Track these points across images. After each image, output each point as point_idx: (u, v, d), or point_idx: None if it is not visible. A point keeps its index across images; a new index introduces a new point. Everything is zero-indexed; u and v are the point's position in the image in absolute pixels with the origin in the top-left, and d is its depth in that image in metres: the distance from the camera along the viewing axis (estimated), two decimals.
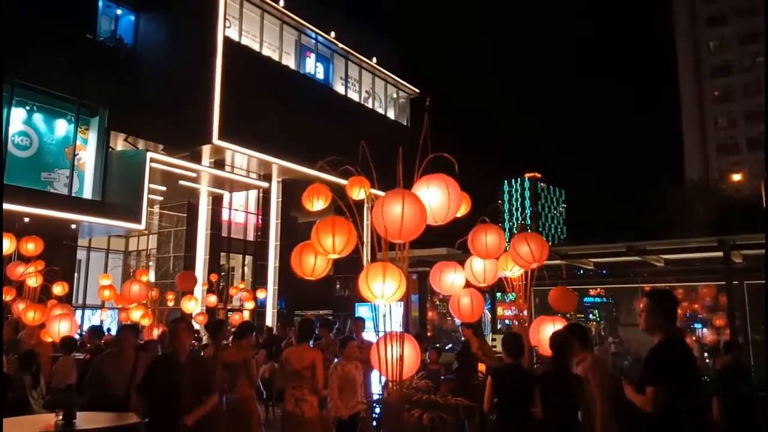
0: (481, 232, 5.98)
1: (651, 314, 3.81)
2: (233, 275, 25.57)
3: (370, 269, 4.51)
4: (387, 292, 4.46)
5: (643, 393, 3.74)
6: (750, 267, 11.62)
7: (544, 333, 5.75)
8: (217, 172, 22.49)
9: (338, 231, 4.94)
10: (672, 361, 3.69)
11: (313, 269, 5.37)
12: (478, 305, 6.33)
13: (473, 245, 6.02)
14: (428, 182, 4.87)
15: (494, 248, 5.96)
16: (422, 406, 4.94)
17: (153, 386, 4.97)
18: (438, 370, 8.65)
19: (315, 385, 6.28)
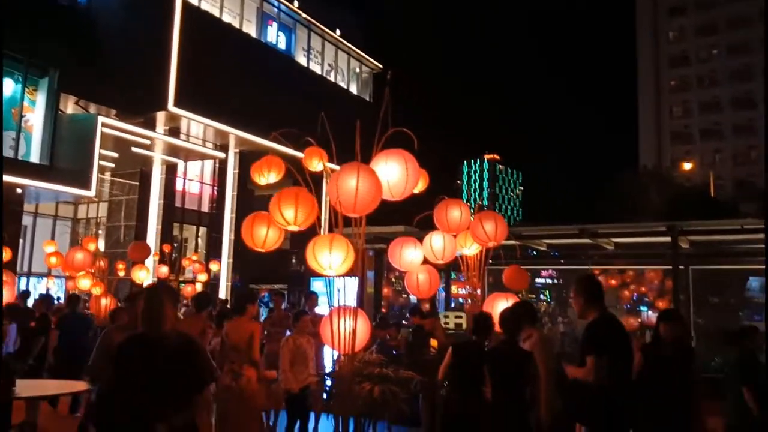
0: (449, 206, 6.03)
1: (576, 301, 4.24)
2: (186, 246, 25.09)
3: (317, 241, 4.47)
4: (334, 263, 4.41)
5: (583, 366, 3.98)
6: (696, 253, 12.00)
7: (498, 309, 5.82)
8: (172, 140, 21.89)
9: (301, 203, 4.83)
10: (607, 333, 4.06)
11: (264, 240, 5.26)
12: (434, 282, 6.39)
13: (440, 219, 6.04)
14: (387, 157, 4.82)
15: (462, 223, 6.02)
16: (373, 380, 4.94)
17: (124, 378, 3.33)
18: (396, 345, 8.68)
19: (251, 357, 6.10)
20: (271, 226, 5.31)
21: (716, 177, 46.73)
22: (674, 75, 62.21)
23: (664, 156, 58.53)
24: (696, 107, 60.97)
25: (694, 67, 61.23)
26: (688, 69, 61.43)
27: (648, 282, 15.92)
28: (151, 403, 3.11)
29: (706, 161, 56.03)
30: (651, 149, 60.13)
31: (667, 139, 61.50)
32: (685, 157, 53.69)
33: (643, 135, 62.39)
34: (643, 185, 33.81)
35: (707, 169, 49.08)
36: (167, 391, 3.15)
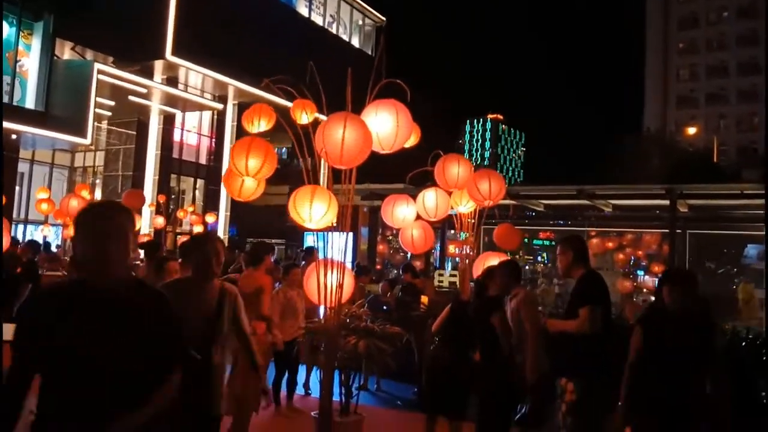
0: (446, 163, 5.88)
1: (563, 256, 4.30)
2: (183, 198, 25.01)
3: (298, 192, 4.36)
4: (314, 215, 4.31)
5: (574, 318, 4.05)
6: (694, 217, 11.93)
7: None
8: (170, 90, 21.54)
9: (253, 152, 4.68)
10: (599, 286, 4.18)
11: (240, 190, 5.15)
12: (429, 237, 6.30)
13: (438, 175, 5.90)
14: (377, 108, 4.63)
15: (461, 179, 5.89)
16: (359, 334, 4.91)
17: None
18: (388, 301, 8.69)
19: (258, 310, 6.10)
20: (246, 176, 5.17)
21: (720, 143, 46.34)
22: (683, 37, 60.97)
23: (669, 120, 57.89)
24: (703, 71, 59.97)
25: (703, 30, 59.96)
26: (698, 32, 60.17)
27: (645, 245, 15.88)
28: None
29: (710, 126, 55.43)
30: (656, 113, 59.40)
31: (672, 102, 60.69)
32: (690, 122, 53.09)
33: (649, 98, 61.55)
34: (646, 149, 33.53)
35: (711, 134, 48.61)
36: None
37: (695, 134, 46.04)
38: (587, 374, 3.97)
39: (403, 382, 8.10)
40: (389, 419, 7.05)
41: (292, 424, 6.68)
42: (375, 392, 8.16)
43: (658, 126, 50.51)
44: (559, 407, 4.17)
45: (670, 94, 61.11)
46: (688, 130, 45.39)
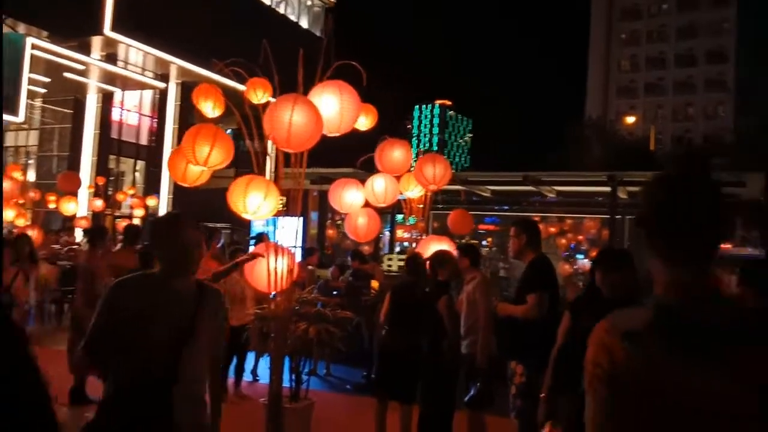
0: (389, 147, 5.85)
1: (517, 239, 4.36)
2: (123, 180, 24.18)
3: (234, 184, 4.28)
4: (251, 206, 4.23)
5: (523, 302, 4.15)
6: (634, 203, 12.34)
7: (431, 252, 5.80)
8: (108, 67, 20.69)
9: (219, 144, 4.55)
10: (549, 271, 4.31)
11: (184, 175, 5.00)
12: (373, 226, 6.25)
13: (380, 160, 5.87)
14: (322, 89, 4.55)
15: (402, 163, 5.87)
16: (309, 319, 4.87)
17: None
18: (339, 287, 8.65)
19: None
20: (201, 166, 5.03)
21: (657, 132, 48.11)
22: (625, 28, 62.79)
23: (610, 109, 59.68)
24: (643, 62, 62.02)
25: (644, 21, 61.91)
26: (639, 23, 62.08)
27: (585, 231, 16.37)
28: None
29: (648, 116, 57.47)
30: (597, 101, 61.10)
31: (613, 92, 62.57)
32: (629, 111, 54.87)
33: (592, 87, 63.23)
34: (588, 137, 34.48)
35: (649, 123, 50.37)
36: None
37: (634, 123, 47.62)
38: (536, 357, 4.05)
39: (352, 366, 8.11)
40: (340, 404, 7.05)
41: (240, 411, 6.59)
42: (325, 377, 8.14)
43: (600, 114, 52.01)
44: (509, 389, 4.25)
45: (611, 83, 62.98)
46: (627, 119, 46.89)
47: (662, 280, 1.27)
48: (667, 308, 1.22)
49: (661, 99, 61.01)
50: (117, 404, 2.35)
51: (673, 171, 1.31)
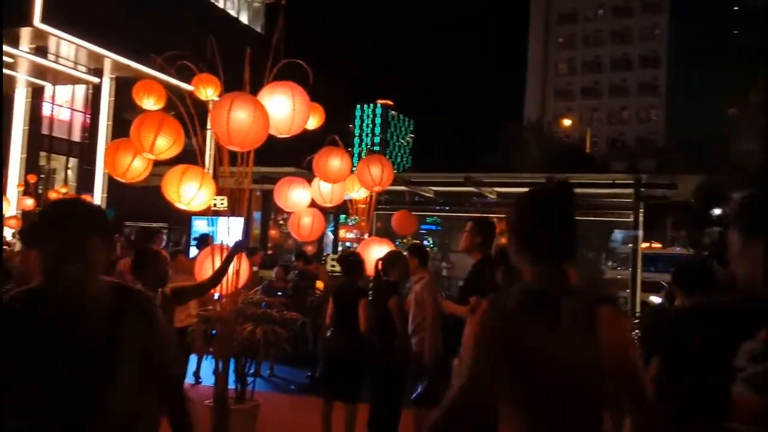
0: (326, 156, 5.79)
1: (472, 236, 4.42)
2: (54, 178, 23.19)
3: (170, 172, 4.21)
4: (185, 195, 4.17)
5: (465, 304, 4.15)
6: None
7: (371, 254, 5.84)
8: (38, 60, 19.79)
9: (165, 130, 4.45)
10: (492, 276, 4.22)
11: (127, 170, 4.86)
12: (318, 226, 6.23)
13: (318, 168, 5.83)
14: (272, 90, 4.51)
15: (338, 173, 5.83)
16: (255, 320, 4.82)
17: None
18: (284, 287, 8.58)
19: None
20: (138, 156, 4.91)
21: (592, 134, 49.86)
22: (563, 32, 64.77)
23: (548, 111, 61.42)
24: (580, 65, 64.14)
25: (581, 25, 64.03)
26: (576, 27, 64.16)
27: None
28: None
29: (584, 118, 59.47)
30: (536, 103, 62.80)
31: (551, 94, 64.43)
32: (566, 114, 56.63)
33: (530, 89, 64.92)
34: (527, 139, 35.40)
35: (585, 126, 52.13)
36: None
37: (571, 125, 49.17)
38: None
39: (296, 367, 8.07)
40: (285, 405, 7.00)
41: None
42: (269, 378, 8.07)
43: (538, 117, 53.46)
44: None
45: (549, 86, 64.84)
46: (564, 122, 48.37)
47: (529, 272, 1.73)
48: (532, 292, 1.69)
49: (597, 102, 63.27)
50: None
51: (540, 195, 1.78)
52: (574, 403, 1.58)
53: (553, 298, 1.64)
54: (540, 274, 1.70)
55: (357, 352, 5.03)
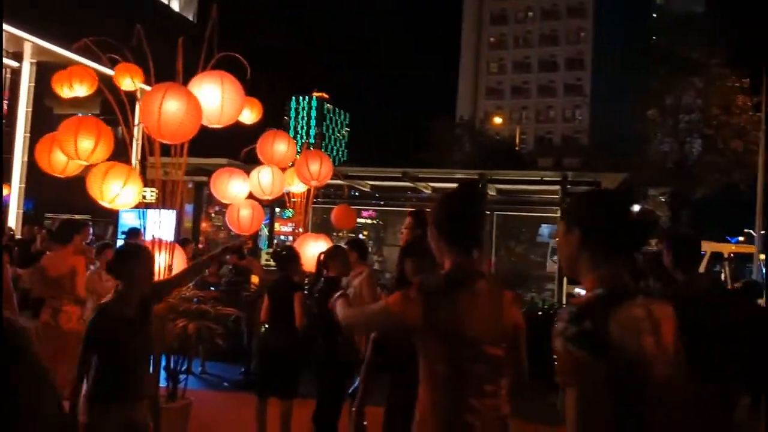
0: (272, 140, 5.79)
1: (413, 230, 4.40)
2: None
3: (93, 170, 4.10)
4: (108, 194, 4.07)
5: None
6: (500, 200, 13.14)
7: (307, 249, 5.85)
8: None
9: (83, 133, 4.29)
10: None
11: (65, 167, 4.68)
12: (257, 218, 6.17)
13: (264, 150, 5.79)
14: (202, 80, 4.42)
15: (283, 156, 5.82)
16: (189, 316, 4.73)
17: None
18: (216, 282, 8.42)
19: (74, 293, 5.60)
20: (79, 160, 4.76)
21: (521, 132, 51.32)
22: (494, 32, 66.31)
23: (479, 109, 62.78)
24: (510, 65, 65.89)
25: (511, 27, 65.75)
26: (506, 28, 65.84)
27: None
28: None
29: (514, 117, 61.17)
30: (468, 101, 64.06)
31: (482, 93, 65.91)
32: (497, 112, 58.06)
33: (463, 88, 66.13)
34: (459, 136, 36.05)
35: (515, 124, 53.64)
36: None
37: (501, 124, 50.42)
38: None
39: (229, 363, 7.96)
40: (218, 402, 6.89)
41: None
42: (201, 375, 7.91)
43: (470, 114, 54.53)
44: None
45: (481, 84, 66.29)
46: (495, 120, 49.56)
47: (450, 261, 2.11)
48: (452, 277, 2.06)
49: (526, 101, 65.23)
50: None
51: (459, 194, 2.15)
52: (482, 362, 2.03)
53: (470, 281, 2.04)
54: (457, 261, 2.09)
55: (293, 348, 5.01)
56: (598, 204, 1.77)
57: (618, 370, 1.52)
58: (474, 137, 36.36)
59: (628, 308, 1.57)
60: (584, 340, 1.54)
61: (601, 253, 1.69)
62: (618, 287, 1.64)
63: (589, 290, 1.68)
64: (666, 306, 1.67)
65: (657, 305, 1.63)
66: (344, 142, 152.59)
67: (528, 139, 60.44)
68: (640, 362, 1.52)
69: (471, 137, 35.97)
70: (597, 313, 1.56)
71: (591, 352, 1.53)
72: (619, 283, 1.67)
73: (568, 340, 1.56)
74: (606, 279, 1.67)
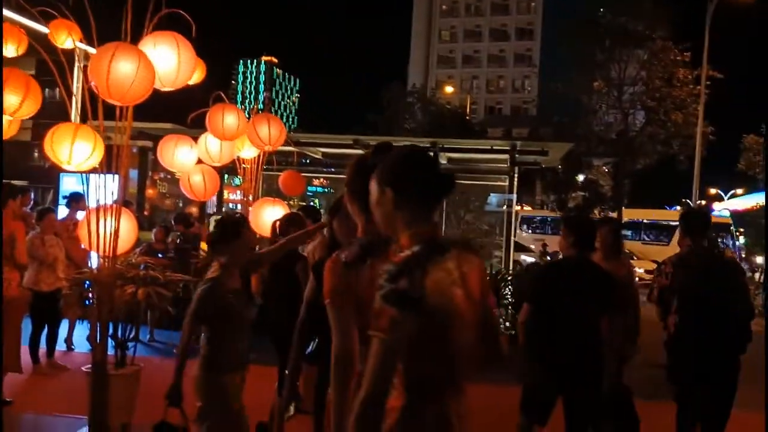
0: (219, 112, 5.60)
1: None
2: None
3: (57, 130, 3.94)
4: (77, 157, 3.94)
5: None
6: (451, 168, 13.27)
7: (265, 214, 5.77)
8: None
9: (9, 87, 4.11)
10: None
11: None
12: (211, 184, 6.03)
13: (214, 124, 5.63)
14: (155, 40, 4.27)
15: (232, 130, 5.67)
16: (138, 282, 4.65)
17: None
18: (163, 249, 8.26)
19: (14, 258, 5.39)
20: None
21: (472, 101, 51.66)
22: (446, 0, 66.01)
23: (431, 77, 62.74)
24: (461, 34, 65.89)
25: None
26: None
27: None
28: None
29: (465, 86, 61.45)
30: (419, 69, 63.90)
31: (434, 60, 65.82)
32: (448, 81, 58.16)
33: (414, 55, 65.83)
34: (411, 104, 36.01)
35: (465, 93, 53.92)
36: None
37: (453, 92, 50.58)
38: None
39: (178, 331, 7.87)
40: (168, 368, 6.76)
41: (58, 382, 6.15)
42: (149, 343, 7.82)
43: (422, 82, 54.43)
44: None
45: (432, 52, 66.14)
46: (446, 89, 49.68)
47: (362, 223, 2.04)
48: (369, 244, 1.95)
49: (477, 70, 65.54)
50: None
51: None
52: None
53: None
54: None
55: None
56: (407, 163, 1.82)
57: (429, 323, 1.64)
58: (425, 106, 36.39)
59: (441, 264, 1.69)
60: (399, 299, 1.61)
61: (414, 210, 1.77)
62: (432, 244, 1.73)
63: (406, 248, 1.73)
64: (474, 257, 1.83)
65: (465, 257, 1.78)
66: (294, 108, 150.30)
67: (479, 109, 60.94)
68: (450, 314, 1.67)
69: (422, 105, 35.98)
70: (412, 271, 1.63)
71: (405, 309, 1.60)
72: (432, 239, 1.75)
73: (385, 298, 1.62)
74: (420, 236, 1.74)
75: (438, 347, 1.70)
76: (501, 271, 9.69)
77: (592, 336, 3.73)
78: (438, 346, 1.70)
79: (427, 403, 1.72)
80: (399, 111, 34.33)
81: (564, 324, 3.70)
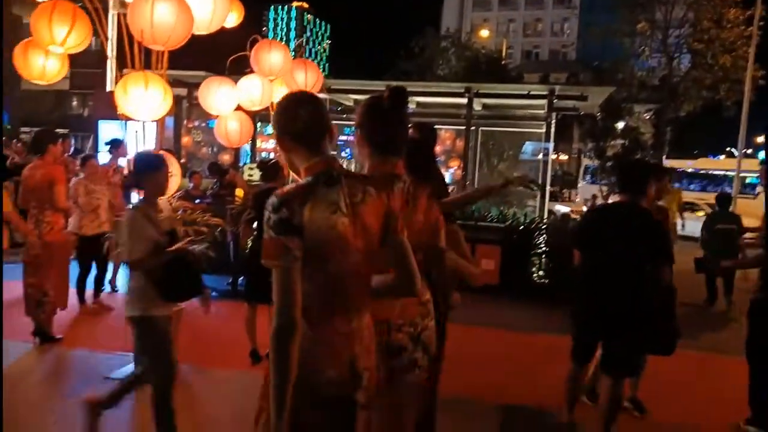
0: (266, 47, 5.63)
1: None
2: None
3: (130, 78, 3.96)
4: (150, 105, 3.98)
5: None
6: (486, 115, 13.03)
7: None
8: None
9: (57, 16, 4.12)
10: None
11: (43, 71, 4.53)
12: (247, 131, 6.06)
13: (258, 61, 5.63)
14: None
15: (278, 66, 5.66)
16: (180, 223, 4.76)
17: None
18: (201, 195, 8.42)
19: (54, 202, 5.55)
20: (50, 56, 4.60)
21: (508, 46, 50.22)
22: None
23: (465, 21, 60.98)
24: None
25: None
26: None
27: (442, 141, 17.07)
28: None
29: (500, 30, 59.62)
30: (454, 13, 62.08)
31: (469, 3, 63.78)
32: (483, 24, 56.45)
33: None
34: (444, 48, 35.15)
35: (501, 37, 52.34)
36: None
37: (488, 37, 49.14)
38: None
39: (217, 275, 8.09)
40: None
41: (106, 321, 6.41)
42: None
43: (456, 26, 52.98)
44: None
45: None
46: (481, 33, 48.26)
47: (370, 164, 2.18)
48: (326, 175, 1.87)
49: (514, 13, 63.35)
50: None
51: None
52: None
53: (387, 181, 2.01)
54: (377, 163, 2.17)
55: None
56: (286, 106, 1.92)
57: (311, 248, 1.75)
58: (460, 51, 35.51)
59: (326, 194, 1.80)
60: (281, 226, 1.72)
61: (305, 147, 1.88)
62: (320, 176, 1.83)
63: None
64: (373, 189, 1.91)
65: (360, 189, 1.88)
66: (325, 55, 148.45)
67: (515, 54, 59.23)
68: (331, 240, 1.77)
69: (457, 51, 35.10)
70: (292, 201, 1.75)
71: (287, 235, 1.71)
72: (324, 172, 1.84)
73: (270, 227, 1.73)
74: (312, 169, 1.86)
75: (322, 270, 1.79)
76: (535, 220, 9.59)
77: (639, 283, 3.57)
78: (321, 269, 1.79)
79: (319, 325, 1.81)
80: (432, 56, 33.56)
81: (610, 270, 3.62)
